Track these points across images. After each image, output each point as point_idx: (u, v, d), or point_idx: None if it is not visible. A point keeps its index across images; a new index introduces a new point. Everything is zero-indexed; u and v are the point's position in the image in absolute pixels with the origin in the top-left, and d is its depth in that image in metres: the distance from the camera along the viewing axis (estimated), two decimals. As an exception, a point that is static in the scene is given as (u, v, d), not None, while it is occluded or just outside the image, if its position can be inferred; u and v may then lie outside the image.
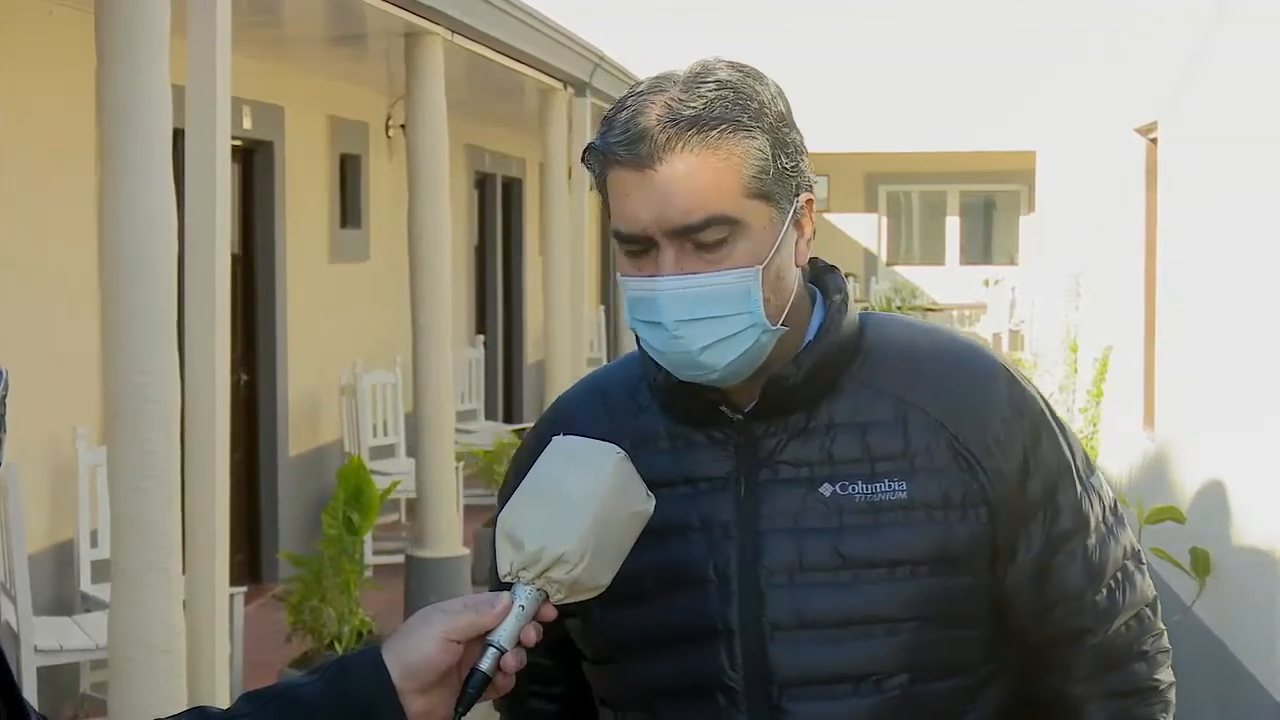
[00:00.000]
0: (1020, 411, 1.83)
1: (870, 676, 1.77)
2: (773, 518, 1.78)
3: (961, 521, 1.79)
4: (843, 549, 1.77)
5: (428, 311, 7.50)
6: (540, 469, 1.72)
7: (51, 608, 6.41)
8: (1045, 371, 10.85)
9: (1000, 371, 1.85)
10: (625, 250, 1.76)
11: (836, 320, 1.83)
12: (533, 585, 1.66)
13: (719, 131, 1.71)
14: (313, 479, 9.42)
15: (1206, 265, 6.48)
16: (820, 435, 1.80)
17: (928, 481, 1.78)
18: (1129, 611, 1.88)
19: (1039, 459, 1.83)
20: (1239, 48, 6.09)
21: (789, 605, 1.77)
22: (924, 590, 1.77)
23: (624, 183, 1.73)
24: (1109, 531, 1.88)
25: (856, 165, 22.13)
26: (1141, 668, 1.89)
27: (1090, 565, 1.85)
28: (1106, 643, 1.87)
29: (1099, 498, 1.88)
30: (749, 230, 1.73)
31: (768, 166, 1.74)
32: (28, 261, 6.38)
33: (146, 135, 4.45)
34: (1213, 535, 6.14)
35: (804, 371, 1.79)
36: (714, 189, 1.71)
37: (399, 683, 1.60)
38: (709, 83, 1.74)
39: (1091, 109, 9.60)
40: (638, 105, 1.74)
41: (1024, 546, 1.82)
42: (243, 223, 8.75)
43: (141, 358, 4.47)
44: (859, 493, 1.78)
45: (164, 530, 4.53)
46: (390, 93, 10.30)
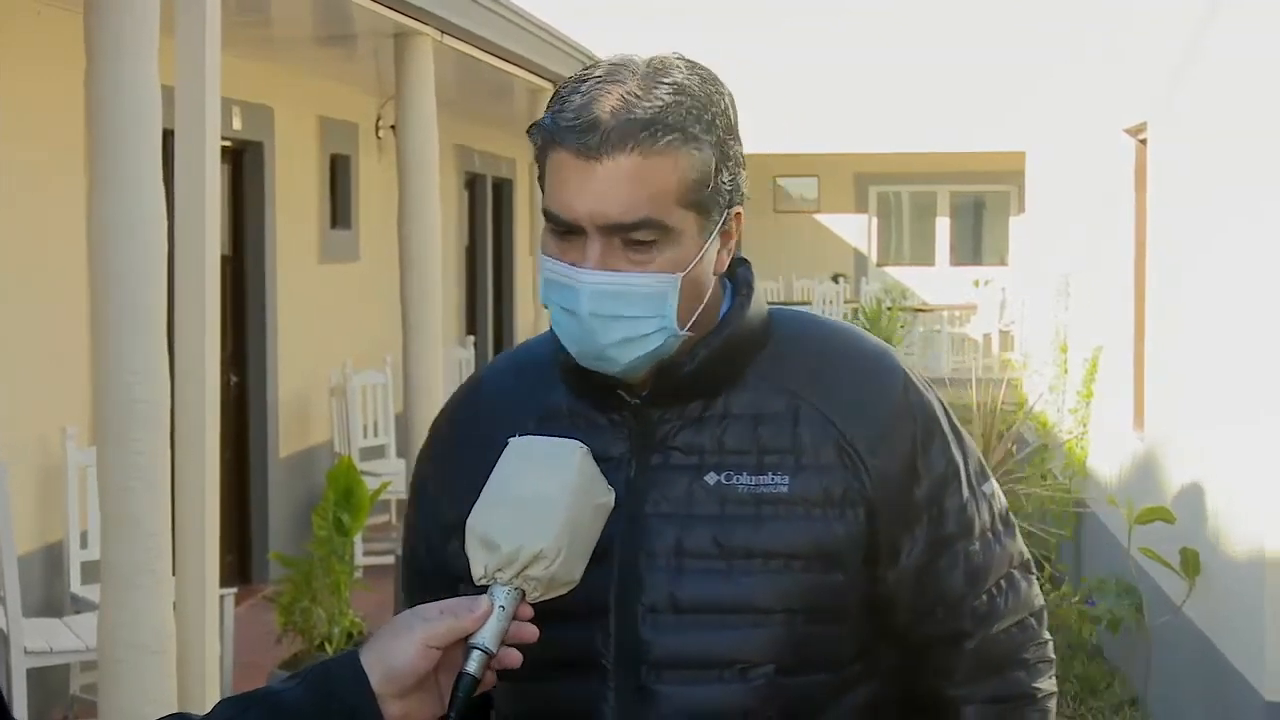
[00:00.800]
0: (913, 415, 1.86)
1: (736, 664, 1.80)
2: (658, 502, 1.81)
3: (839, 519, 1.81)
4: (721, 538, 1.80)
5: (418, 312, 7.50)
6: (503, 471, 1.75)
7: (41, 609, 6.39)
8: (1035, 372, 10.86)
9: (899, 375, 1.88)
10: (552, 230, 1.77)
11: (738, 315, 1.86)
12: (510, 585, 1.68)
13: (669, 140, 1.73)
14: (303, 480, 9.41)
15: (1196, 266, 6.49)
16: (714, 424, 1.83)
17: (811, 478, 1.81)
18: (1011, 618, 1.91)
19: (927, 463, 1.85)
20: (1228, 49, 6.10)
21: (665, 589, 1.80)
22: (797, 584, 1.80)
23: (566, 167, 1.74)
24: (995, 538, 1.91)
25: (847, 166, 22.15)
26: (1021, 675, 1.92)
27: (972, 570, 1.88)
28: (985, 647, 1.89)
29: (988, 505, 1.91)
30: (677, 237, 1.76)
31: (708, 180, 1.76)
32: (17, 262, 6.37)
33: (136, 136, 4.45)
34: (1202, 535, 6.15)
35: (697, 362, 1.82)
36: (653, 193, 1.73)
37: (378, 687, 1.62)
38: (666, 83, 1.75)
39: (1081, 110, 9.61)
40: (593, 92, 1.74)
41: (906, 548, 1.85)
42: (232, 223, 8.74)
43: (131, 358, 4.46)
44: (743, 484, 1.81)
45: (154, 531, 4.52)
46: (380, 93, 10.29)
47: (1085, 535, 8.75)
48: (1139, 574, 6.77)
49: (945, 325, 20.05)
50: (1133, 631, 7.00)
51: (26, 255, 6.44)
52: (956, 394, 10.01)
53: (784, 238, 22.58)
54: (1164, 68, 7.13)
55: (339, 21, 7.69)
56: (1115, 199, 8.31)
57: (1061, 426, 9.42)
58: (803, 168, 22.33)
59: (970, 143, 19.34)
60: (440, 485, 1.95)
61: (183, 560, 4.89)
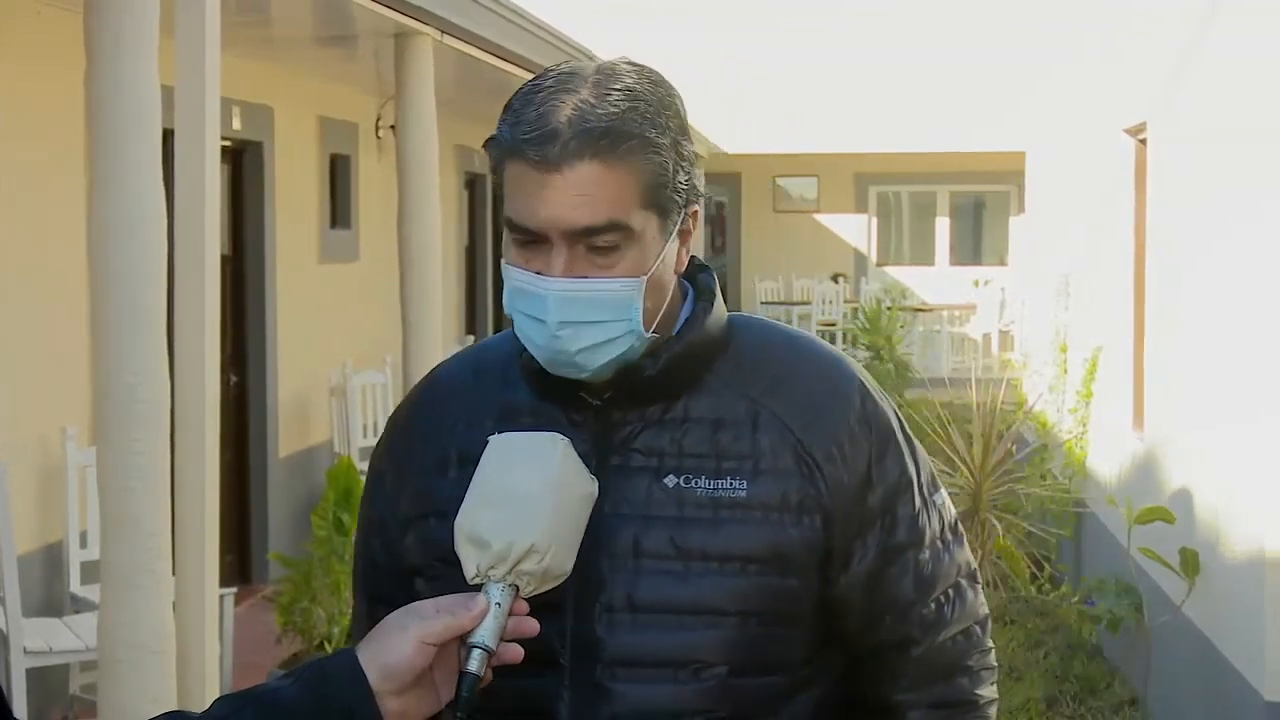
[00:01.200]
0: (869, 425, 1.90)
1: (690, 665, 1.83)
2: (618, 503, 1.83)
3: (795, 525, 1.84)
4: (679, 539, 1.83)
5: (418, 311, 7.50)
6: (485, 470, 1.76)
7: (41, 609, 6.39)
8: (1035, 372, 10.86)
9: (856, 385, 1.92)
10: (515, 240, 1.80)
11: (700, 320, 1.88)
12: (504, 582, 1.70)
13: (627, 146, 1.76)
14: (303, 479, 9.41)
15: (1196, 266, 6.49)
16: (674, 428, 1.86)
17: (769, 483, 1.84)
18: (957, 626, 1.95)
19: (882, 472, 1.89)
20: (1228, 49, 6.10)
21: (622, 588, 1.83)
22: (752, 587, 1.83)
23: (526, 179, 1.76)
24: (944, 548, 1.95)
25: (846, 166, 22.14)
26: (964, 682, 1.96)
27: (921, 578, 1.92)
28: (931, 654, 1.93)
29: (939, 515, 1.95)
30: (639, 239, 1.78)
31: (666, 181, 1.79)
32: (17, 262, 6.37)
33: (136, 136, 4.45)
34: (1202, 535, 6.15)
35: (659, 366, 1.85)
36: (614, 197, 1.76)
37: (376, 685, 1.63)
38: (618, 89, 1.77)
39: (1081, 110, 9.61)
40: (547, 103, 1.77)
41: (859, 555, 1.88)
42: (232, 223, 8.74)
43: (131, 358, 4.46)
44: (701, 487, 1.84)
45: (154, 531, 4.52)
46: (380, 93, 10.29)
47: (1085, 535, 8.76)
48: (1139, 574, 6.77)
49: (945, 325, 20.05)
50: (1132, 631, 7.00)
51: (26, 255, 6.44)
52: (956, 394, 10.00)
53: (784, 237, 22.58)
54: (1164, 68, 7.13)
55: (339, 21, 7.69)
56: (1115, 199, 8.31)
57: (1061, 426, 9.42)
58: (803, 167, 22.32)
59: (970, 143, 19.35)
60: (397, 480, 1.97)
61: (182, 560, 4.89)
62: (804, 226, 22.97)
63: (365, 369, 10.07)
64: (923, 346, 19.05)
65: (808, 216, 23.12)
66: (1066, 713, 7.06)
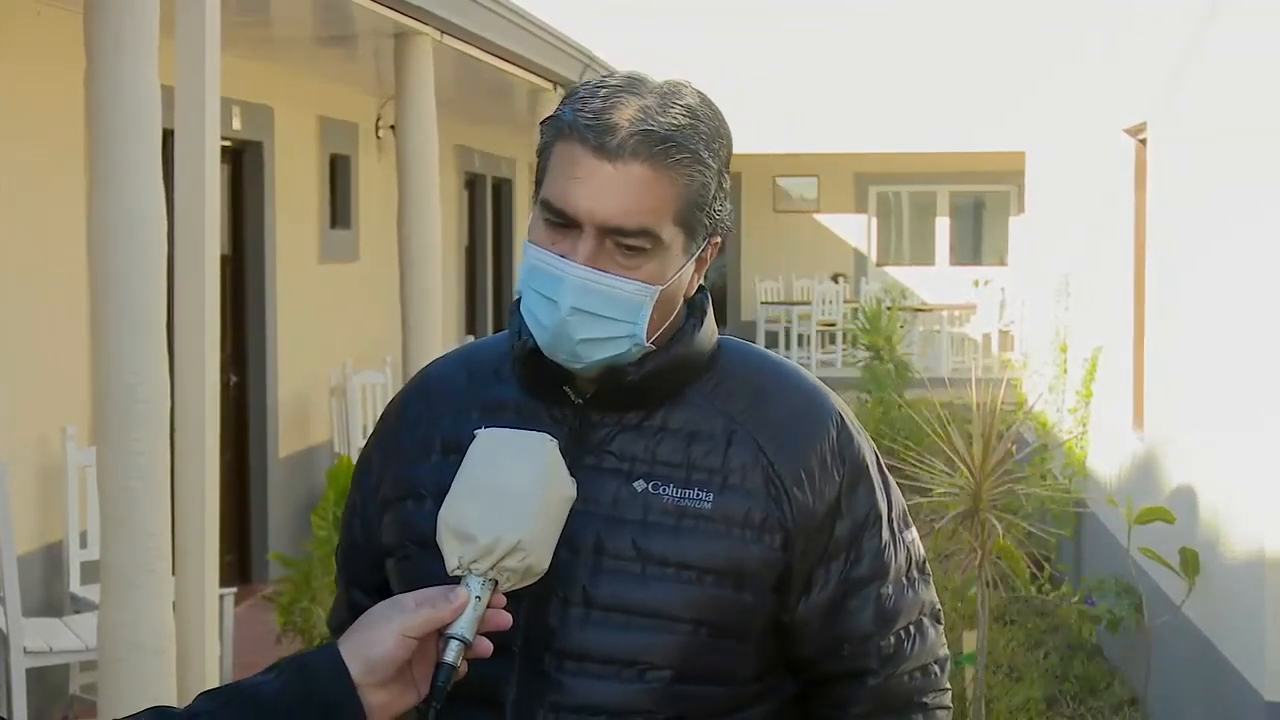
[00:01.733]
0: (842, 457, 1.94)
1: (636, 665, 1.86)
2: (586, 501, 1.85)
3: (756, 542, 1.88)
4: (641, 543, 1.87)
5: (418, 312, 7.50)
6: (472, 463, 1.78)
7: (41, 609, 6.40)
8: (1035, 372, 10.86)
9: (834, 417, 1.96)
10: (546, 220, 1.83)
11: (689, 335, 1.92)
12: (484, 576, 1.72)
13: (681, 157, 1.80)
14: (303, 480, 9.41)
15: (1196, 266, 6.49)
16: (650, 435, 1.90)
17: (734, 498, 1.88)
18: (915, 662, 1.97)
19: (852, 504, 1.93)
20: (1228, 49, 6.10)
21: (580, 584, 1.86)
22: (706, 597, 1.86)
23: (576, 162, 1.80)
24: (909, 584, 1.98)
25: (846, 166, 22.13)
26: (918, 718, 1.98)
27: (882, 611, 1.94)
28: (887, 687, 1.96)
29: (906, 551, 1.99)
30: (665, 252, 1.83)
31: (705, 203, 1.85)
32: (17, 262, 6.37)
33: (136, 136, 4.45)
34: (1202, 535, 6.15)
35: (643, 373, 1.88)
36: (656, 205, 1.80)
37: (359, 678, 1.66)
38: (680, 105, 1.83)
39: (1081, 110, 9.61)
40: (613, 98, 1.81)
41: (820, 584, 1.92)
42: (232, 223, 8.74)
43: (131, 358, 4.46)
44: (668, 495, 1.88)
45: (153, 531, 4.52)
46: (380, 93, 10.29)
47: (1085, 535, 8.76)
48: (1138, 574, 6.77)
49: (945, 325, 20.04)
50: (1132, 631, 7.00)
51: (27, 255, 6.44)
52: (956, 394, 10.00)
53: (784, 237, 22.58)
54: (1164, 68, 7.13)
55: (339, 21, 7.69)
56: (1115, 199, 8.31)
57: (1061, 426, 9.42)
58: (802, 167, 22.31)
59: (970, 143, 19.34)
60: (382, 467, 2.02)
61: (182, 560, 4.89)
62: (804, 226, 22.97)
63: (365, 369, 10.07)
64: (923, 346, 19.05)
65: (808, 216, 23.11)
66: (1066, 713, 7.06)
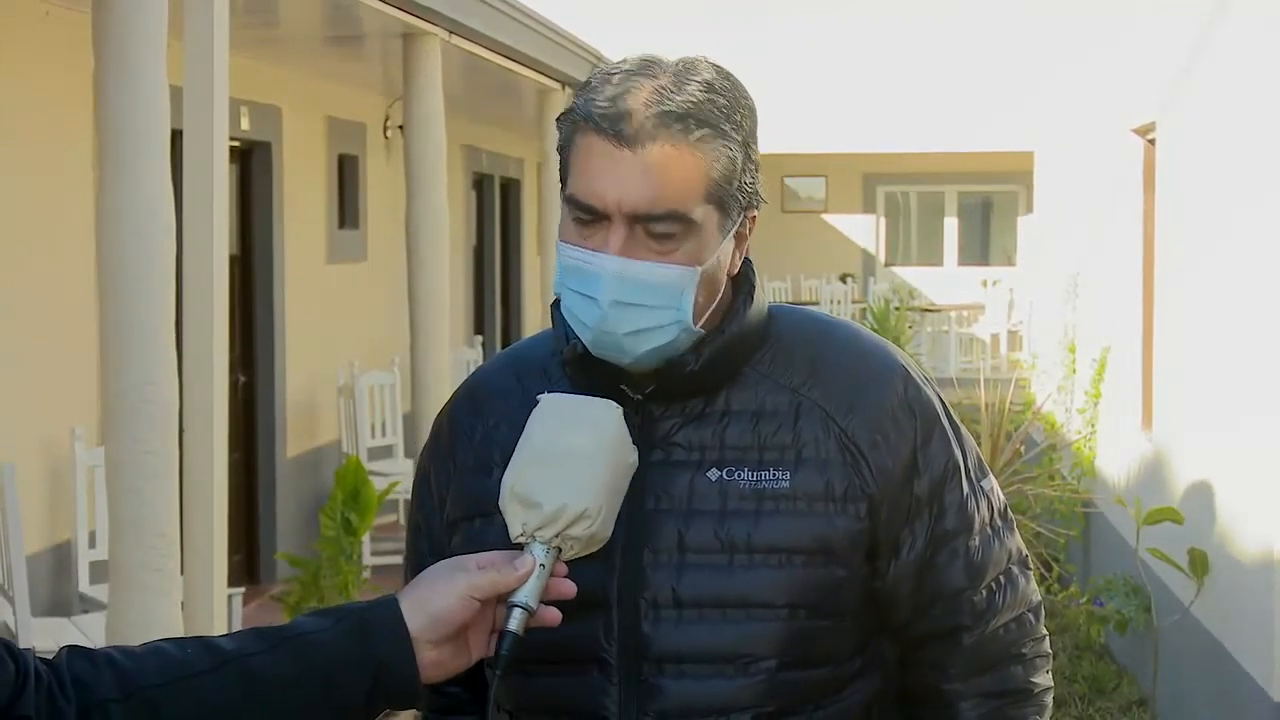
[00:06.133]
0: (913, 411, 1.87)
1: (738, 659, 1.81)
2: (660, 498, 1.82)
3: (840, 514, 1.82)
4: (723, 533, 1.81)
5: (426, 312, 7.50)
6: (535, 428, 1.75)
7: (49, 609, 6.40)
8: (1043, 372, 10.85)
9: (898, 370, 1.89)
10: (575, 217, 1.78)
11: (741, 313, 1.87)
12: (549, 544, 1.68)
13: (702, 133, 1.75)
14: (311, 479, 9.42)
15: (1204, 266, 6.48)
16: (715, 421, 1.85)
17: (812, 473, 1.82)
18: (1009, 614, 1.92)
19: (928, 458, 1.87)
20: (1236, 49, 6.09)
21: (667, 584, 1.81)
22: (799, 579, 1.81)
23: (596, 154, 1.76)
24: (994, 534, 1.92)
25: (854, 166, 22.13)
26: (1018, 670, 1.93)
27: (972, 565, 1.88)
28: (983, 642, 1.90)
29: (988, 501, 1.92)
30: (698, 232, 1.77)
31: (733, 178, 1.79)
32: (27, 262, 6.38)
33: (144, 136, 4.45)
34: (1210, 536, 6.14)
35: (702, 360, 1.83)
36: (682, 185, 1.75)
37: (417, 633, 1.64)
38: (697, 81, 1.77)
39: (1089, 109, 9.60)
40: (626, 83, 1.76)
41: (908, 543, 1.86)
42: (241, 223, 8.75)
43: (140, 358, 4.47)
44: (744, 479, 1.82)
45: (162, 531, 4.53)
46: (388, 93, 10.30)
47: (1093, 536, 8.75)
48: (1147, 574, 6.76)
49: (953, 325, 20.02)
50: (1141, 632, 6.99)
51: (35, 256, 6.45)
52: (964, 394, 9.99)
53: (791, 237, 22.56)
54: (1172, 67, 7.12)
55: (347, 22, 7.70)
56: (1123, 199, 8.30)
57: (1069, 427, 9.41)
58: (810, 167, 22.30)
59: (978, 143, 19.33)
60: (442, 484, 1.96)
61: (191, 560, 4.89)
62: (812, 226, 22.96)
63: (373, 369, 10.08)
64: (931, 347, 19.03)
65: (815, 216, 23.10)
66: (1075, 713, 7.05)
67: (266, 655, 1.62)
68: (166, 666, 1.60)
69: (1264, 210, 5.57)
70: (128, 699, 1.57)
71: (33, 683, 1.55)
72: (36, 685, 1.55)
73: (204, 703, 1.59)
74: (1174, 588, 6.49)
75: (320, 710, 1.63)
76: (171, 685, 1.59)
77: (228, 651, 1.62)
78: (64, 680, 1.57)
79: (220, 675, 1.60)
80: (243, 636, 1.66)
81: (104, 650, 1.62)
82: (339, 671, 1.62)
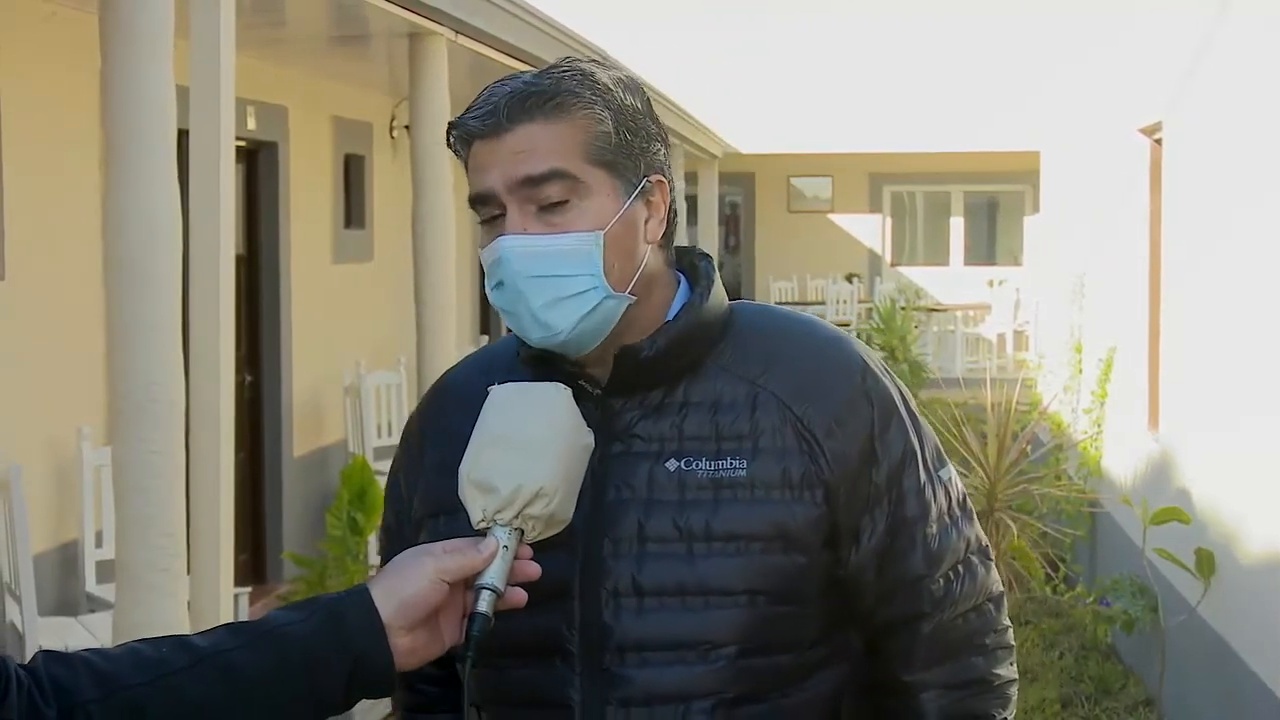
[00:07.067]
0: (870, 400, 1.90)
1: (699, 646, 1.83)
2: (620, 488, 1.85)
3: (798, 501, 1.85)
4: (682, 522, 1.84)
5: (432, 312, 7.50)
6: (488, 417, 1.79)
7: (56, 608, 6.41)
8: (1049, 372, 10.84)
9: (855, 360, 1.93)
10: (481, 221, 1.87)
11: (698, 303, 1.91)
12: (510, 526, 1.72)
13: (560, 100, 1.82)
14: (317, 479, 9.42)
15: (1211, 266, 6.48)
16: (674, 413, 1.88)
17: (769, 461, 1.85)
18: (967, 602, 1.94)
19: (886, 445, 1.90)
20: (1242, 47, 6.09)
21: (627, 573, 1.84)
22: (757, 565, 1.84)
23: (478, 153, 1.85)
24: (952, 523, 1.94)
25: (860, 166, 22.11)
26: (979, 661, 1.94)
27: (929, 552, 1.91)
28: (943, 630, 1.92)
29: (945, 490, 1.95)
30: (591, 194, 1.83)
31: (609, 138, 1.84)
32: (33, 262, 6.39)
33: (150, 136, 4.45)
34: (1217, 536, 6.14)
35: (658, 347, 1.87)
36: (556, 150, 1.82)
37: (389, 619, 1.66)
38: (559, 69, 1.86)
39: (1095, 109, 9.60)
40: (493, 88, 1.86)
41: (868, 530, 1.89)
42: (247, 223, 8.76)
43: (146, 358, 4.47)
44: (702, 469, 1.86)
45: (168, 531, 4.53)
46: (394, 93, 10.30)
47: (1100, 536, 8.74)
48: (1154, 574, 6.75)
49: (959, 325, 20.00)
50: (1147, 632, 6.99)
51: (42, 256, 6.45)
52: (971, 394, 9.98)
53: (798, 237, 22.56)
54: (1179, 66, 7.12)
55: (353, 22, 7.70)
56: (1130, 199, 8.30)
57: (1076, 427, 9.40)
58: (817, 167, 22.29)
59: (984, 142, 19.32)
60: (411, 484, 2.00)
61: (197, 560, 4.90)
62: (818, 226, 22.95)
63: (379, 369, 10.08)
64: (937, 347, 19.02)
65: (822, 216, 23.09)
66: (1081, 713, 7.04)
67: (243, 651, 1.64)
68: (143, 666, 1.62)
69: (1271, 210, 5.57)
70: (107, 699, 1.59)
71: (14, 688, 1.56)
72: (18, 690, 1.56)
73: (184, 700, 1.61)
74: (1180, 588, 6.49)
75: (300, 703, 1.65)
76: (150, 684, 1.60)
77: (203, 649, 1.64)
78: (43, 684, 1.58)
79: (197, 672, 1.62)
80: (217, 634, 1.67)
81: (79, 653, 1.63)
82: (317, 663, 1.64)
